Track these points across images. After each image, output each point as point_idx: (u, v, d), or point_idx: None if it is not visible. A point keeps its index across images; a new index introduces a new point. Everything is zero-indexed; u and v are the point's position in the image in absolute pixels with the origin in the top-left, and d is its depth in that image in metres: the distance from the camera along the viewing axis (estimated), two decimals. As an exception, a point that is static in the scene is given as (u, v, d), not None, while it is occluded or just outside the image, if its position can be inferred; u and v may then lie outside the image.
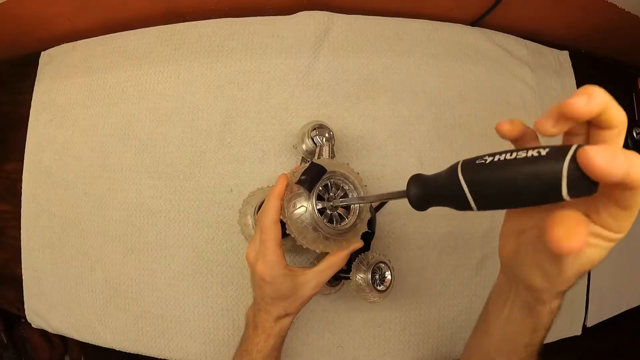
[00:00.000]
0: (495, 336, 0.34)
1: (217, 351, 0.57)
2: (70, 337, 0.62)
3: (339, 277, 0.51)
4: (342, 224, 0.38)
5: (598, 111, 0.20)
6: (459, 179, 0.23)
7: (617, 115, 0.21)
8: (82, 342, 0.62)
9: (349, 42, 0.62)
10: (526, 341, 0.32)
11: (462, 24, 0.67)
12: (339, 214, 0.39)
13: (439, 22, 0.65)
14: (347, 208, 0.40)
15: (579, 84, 0.69)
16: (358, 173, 0.41)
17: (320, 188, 0.38)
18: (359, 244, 0.41)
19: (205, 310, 0.58)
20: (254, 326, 0.42)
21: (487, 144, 0.62)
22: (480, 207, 0.23)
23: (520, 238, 0.29)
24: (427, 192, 0.27)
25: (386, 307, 0.58)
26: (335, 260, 0.40)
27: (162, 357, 0.58)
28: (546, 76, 0.68)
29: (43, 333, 0.81)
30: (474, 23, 0.68)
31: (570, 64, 0.70)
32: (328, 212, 0.38)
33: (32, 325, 0.64)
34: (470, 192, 0.23)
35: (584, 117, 0.20)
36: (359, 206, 0.39)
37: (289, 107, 0.60)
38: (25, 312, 0.64)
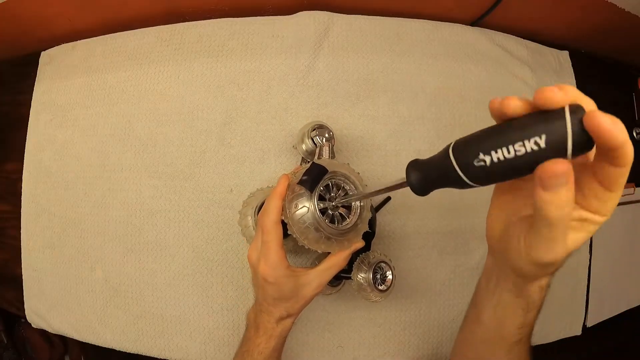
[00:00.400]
0: (487, 322, 0.34)
1: (217, 351, 0.57)
2: (70, 337, 0.62)
3: (340, 277, 0.51)
4: (344, 223, 0.39)
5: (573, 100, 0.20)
6: (452, 164, 0.23)
7: (630, 155, 0.21)
8: (82, 342, 0.62)
9: (349, 42, 0.62)
10: (519, 322, 0.32)
11: (462, 24, 0.67)
12: (341, 214, 0.39)
13: (439, 22, 0.65)
14: (348, 208, 0.40)
15: (579, 84, 0.69)
16: (359, 173, 0.41)
17: (322, 188, 0.38)
18: (360, 243, 0.41)
19: (205, 310, 0.58)
20: (255, 327, 0.42)
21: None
22: (477, 184, 0.23)
23: (509, 219, 0.29)
24: (426, 175, 0.27)
25: (386, 307, 0.58)
26: (337, 260, 0.40)
27: (162, 357, 0.58)
28: (546, 76, 0.68)
29: (43, 333, 0.81)
30: (474, 23, 0.68)
31: (570, 64, 0.70)
32: (329, 212, 0.38)
33: (32, 325, 0.64)
34: (463, 174, 0.23)
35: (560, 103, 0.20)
36: (360, 206, 0.39)
37: (289, 107, 0.60)
38: (25, 312, 0.64)
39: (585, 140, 0.20)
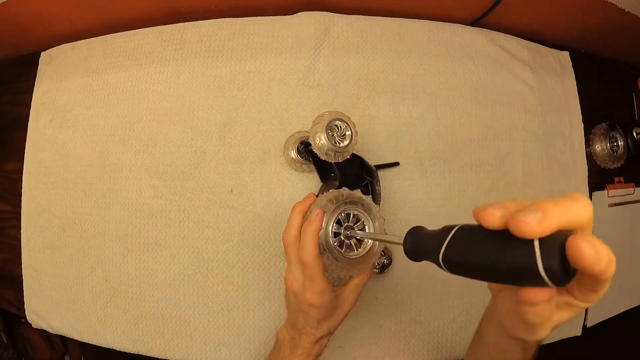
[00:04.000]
0: (490, 351, 0.36)
1: (217, 351, 0.57)
2: (70, 337, 0.62)
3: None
4: (350, 253, 0.40)
5: (553, 230, 0.21)
6: (439, 259, 0.25)
7: (610, 274, 0.21)
8: (82, 342, 0.62)
9: (349, 42, 0.62)
10: (519, 357, 0.33)
11: (462, 24, 0.67)
12: (352, 244, 0.41)
13: (440, 23, 0.65)
14: (360, 242, 0.41)
15: (579, 84, 0.69)
16: (384, 219, 0.42)
17: (343, 215, 0.39)
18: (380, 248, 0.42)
19: (205, 310, 0.58)
20: (291, 347, 0.43)
21: (487, 145, 0.62)
22: (446, 264, 0.26)
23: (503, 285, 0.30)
24: (419, 246, 0.29)
25: (386, 307, 0.58)
26: (366, 275, 0.43)
27: (162, 357, 0.58)
28: (546, 76, 0.68)
29: (43, 333, 0.82)
30: (474, 23, 0.68)
31: (571, 64, 0.70)
32: (342, 238, 0.40)
33: (32, 325, 0.64)
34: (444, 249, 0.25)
35: (535, 237, 0.21)
36: (371, 244, 0.41)
37: (289, 107, 0.60)
38: (25, 312, 0.64)
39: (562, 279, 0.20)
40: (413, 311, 0.58)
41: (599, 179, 0.69)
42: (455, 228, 0.25)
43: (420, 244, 0.29)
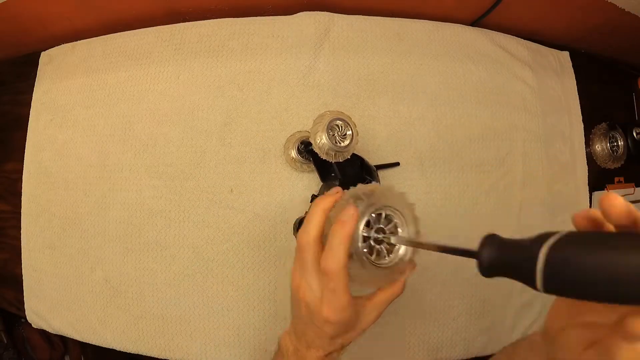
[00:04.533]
0: None
1: (217, 351, 0.57)
2: (70, 337, 0.62)
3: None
4: (381, 261, 0.34)
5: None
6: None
7: None
8: (82, 342, 0.62)
9: (349, 42, 0.62)
10: None
11: (462, 24, 0.67)
12: (385, 249, 0.35)
13: (440, 23, 0.65)
14: (391, 245, 0.35)
15: (579, 84, 0.69)
16: (414, 203, 0.36)
17: (373, 215, 0.33)
18: (413, 267, 0.36)
19: (205, 310, 0.58)
20: (296, 359, 0.38)
21: (487, 145, 0.62)
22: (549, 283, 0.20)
23: (571, 319, 0.26)
24: (503, 259, 0.23)
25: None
26: (394, 290, 0.37)
27: (162, 357, 0.58)
28: (546, 76, 0.68)
29: (43, 333, 0.81)
30: (474, 23, 0.68)
31: (571, 64, 0.70)
32: (372, 242, 0.33)
33: (32, 325, 0.64)
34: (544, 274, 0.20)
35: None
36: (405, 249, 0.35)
37: (289, 108, 0.60)
38: (25, 312, 0.64)
39: None
40: (413, 311, 0.58)
41: (599, 179, 0.69)
42: (558, 235, 0.20)
43: (505, 257, 0.23)
